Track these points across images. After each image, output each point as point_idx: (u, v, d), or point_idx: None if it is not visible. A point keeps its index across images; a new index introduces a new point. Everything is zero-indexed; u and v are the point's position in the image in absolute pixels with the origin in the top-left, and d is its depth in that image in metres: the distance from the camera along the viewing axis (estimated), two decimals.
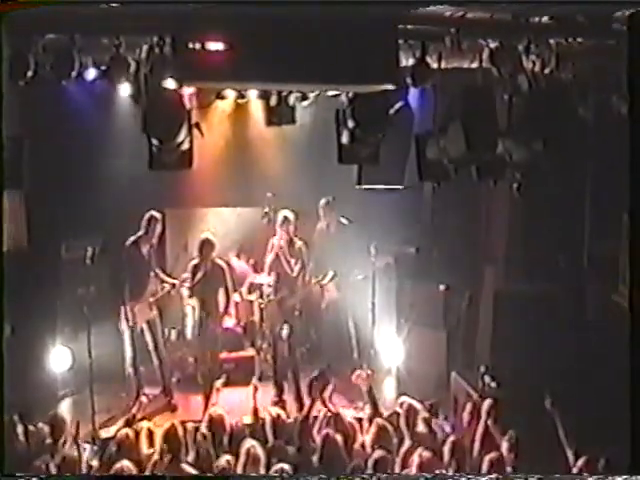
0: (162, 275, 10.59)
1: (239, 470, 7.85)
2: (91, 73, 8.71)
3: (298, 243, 10.56)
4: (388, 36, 6.09)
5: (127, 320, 10.13)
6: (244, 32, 5.79)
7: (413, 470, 7.68)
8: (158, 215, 10.26)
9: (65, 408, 9.91)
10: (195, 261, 10.11)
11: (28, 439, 8.03)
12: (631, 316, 6.50)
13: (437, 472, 7.62)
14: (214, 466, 7.71)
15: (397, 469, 7.88)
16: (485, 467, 7.65)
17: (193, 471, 7.65)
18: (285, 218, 10.47)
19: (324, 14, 5.86)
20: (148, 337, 10.43)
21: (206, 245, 10.05)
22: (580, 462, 7.22)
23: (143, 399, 10.03)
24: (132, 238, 10.17)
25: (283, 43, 5.80)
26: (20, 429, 8.08)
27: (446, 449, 7.93)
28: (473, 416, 8.57)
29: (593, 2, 6.72)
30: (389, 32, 6.12)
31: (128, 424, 8.96)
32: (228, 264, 10.50)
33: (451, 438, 8.12)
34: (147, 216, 10.22)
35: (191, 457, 8.05)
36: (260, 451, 7.87)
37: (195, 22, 5.86)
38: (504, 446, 7.88)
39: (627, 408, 6.40)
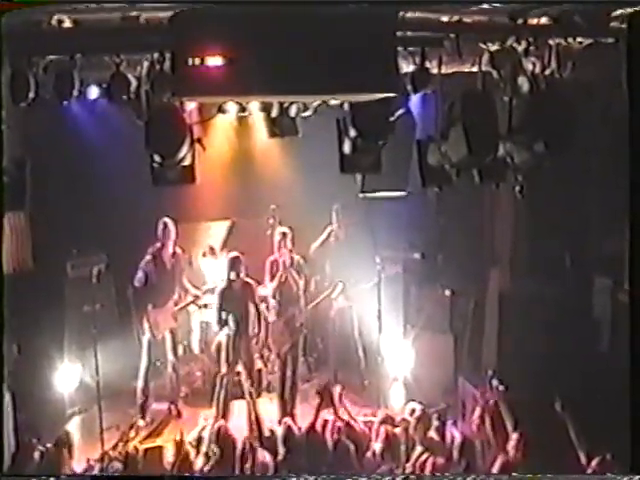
0: (187, 285, 10.60)
1: None
2: (92, 92, 8.80)
3: (296, 258, 10.57)
4: (387, 44, 6.10)
5: (150, 328, 10.16)
6: (243, 45, 5.81)
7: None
8: (169, 221, 10.29)
9: (74, 426, 9.88)
10: (224, 282, 10.07)
11: (42, 458, 8.04)
12: (631, 314, 6.53)
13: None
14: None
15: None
16: (495, 470, 7.66)
17: None
18: (283, 235, 10.48)
19: (322, 24, 5.88)
20: (169, 346, 10.45)
21: (236, 263, 10.04)
22: (593, 463, 7.21)
23: (149, 415, 10.08)
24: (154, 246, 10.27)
25: (283, 54, 5.82)
26: (29, 448, 8.09)
27: (456, 453, 7.96)
28: (482, 420, 8.58)
29: (590, 2, 6.74)
30: (388, 40, 6.13)
31: (136, 440, 9.02)
32: (257, 282, 10.47)
33: (460, 442, 8.14)
34: (160, 223, 10.28)
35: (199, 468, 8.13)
36: (270, 460, 7.92)
37: (194, 37, 5.87)
38: (513, 448, 7.90)
39: (627, 408, 6.45)
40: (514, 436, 7.96)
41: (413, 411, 8.96)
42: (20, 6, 6.11)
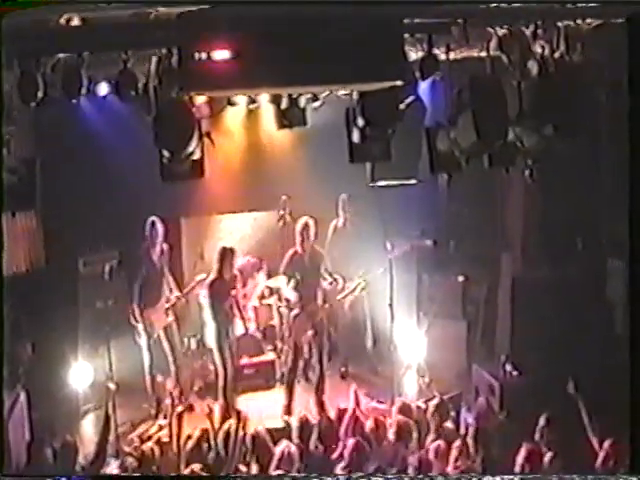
0: (172, 284, 10.62)
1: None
2: (100, 89, 8.80)
3: (317, 248, 10.47)
4: (394, 31, 6.07)
5: (144, 327, 10.18)
6: (250, 37, 5.75)
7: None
8: (157, 220, 10.24)
9: (88, 423, 9.91)
10: (214, 274, 10.04)
11: (55, 456, 8.06)
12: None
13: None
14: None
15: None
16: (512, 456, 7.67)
17: None
18: (306, 225, 10.37)
19: (329, 13, 5.84)
20: (165, 344, 10.45)
21: (226, 254, 10.05)
22: (605, 445, 7.22)
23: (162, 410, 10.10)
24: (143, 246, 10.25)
25: (290, 45, 5.78)
26: (45, 446, 8.11)
27: (470, 441, 7.97)
28: (493, 406, 8.60)
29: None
30: (395, 27, 6.09)
31: (150, 436, 9.04)
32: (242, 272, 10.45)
33: (475, 430, 8.14)
34: (148, 222, 10.23)
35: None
36: (295, 451, 7.92)
37: (201, 30, 5.84)
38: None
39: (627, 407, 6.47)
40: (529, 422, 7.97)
41: (429, 399, 8.96)
42: (24, 7, 6.06)
